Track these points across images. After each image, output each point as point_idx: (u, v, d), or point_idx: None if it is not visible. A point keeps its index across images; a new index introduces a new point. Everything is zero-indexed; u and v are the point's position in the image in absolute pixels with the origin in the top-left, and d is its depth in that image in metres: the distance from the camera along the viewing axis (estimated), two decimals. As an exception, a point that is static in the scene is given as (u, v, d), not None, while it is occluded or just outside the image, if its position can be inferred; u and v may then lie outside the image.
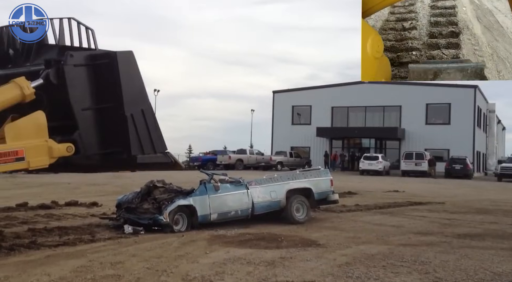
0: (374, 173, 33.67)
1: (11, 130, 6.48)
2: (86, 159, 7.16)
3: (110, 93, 7.20)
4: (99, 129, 7.22)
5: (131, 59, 7.38)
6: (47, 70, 6.95)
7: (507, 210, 13.63)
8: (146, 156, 7.46)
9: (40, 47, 7.68)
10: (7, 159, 6.35)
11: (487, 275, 5.99)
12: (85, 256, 6.69)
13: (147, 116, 7.48)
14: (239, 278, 5.65)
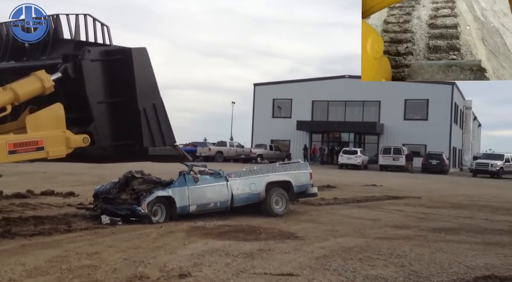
0: (353, 167, 34.02)
1: (31, 121, 6.75)
2: (100, 150, 7.49)
3: (124, 88, 7.49)
4: (113, 122, 7.51)
5: (144, 55, 7.68)
6: (65, 64, 7.21)
7: (481, 205, 13.91)
8: (157, 148, 7.83)
9: (56, 41, 7.98)
10: (28, 148, 6.67)
11: (461, 268, 6.10)
12: (61, 246, 6.59)
13: (159, 111, 7.82)
14: (217, 269, 5.64)
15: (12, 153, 6.58)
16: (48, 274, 5.28)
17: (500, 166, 32.98)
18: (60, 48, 7.99)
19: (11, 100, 6.72)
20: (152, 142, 7.77)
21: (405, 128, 39.88)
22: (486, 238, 8.44)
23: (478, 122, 64.32)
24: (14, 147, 6.59)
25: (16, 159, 6.81)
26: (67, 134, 7.01)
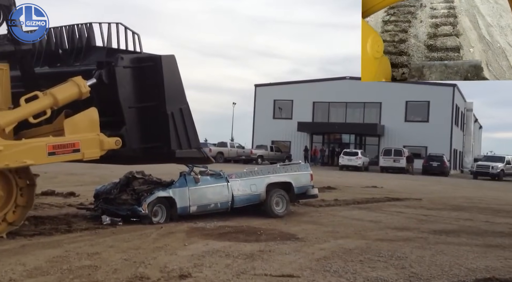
0: (353, 169, 33.99)
1: (69, 125, 7.13)
2: (130, 152, 7.84)
3: (154, 93, 7.88)
4: (142, 125, 7.89)
5: (173, 62, 8.07)
6: (99, 71, 7.60)
7: (482, 207, 13.90)
8: (184, 151, 8.17)
9: (89, 49, 8.46)
10: (66, 150, 7.06)
11: (461, 271, 6.10)
12: (61, 246, 6.60)
13: (185, 115, 8.18)
14: (217, 270, 5.64)
15: (51, 155, 6.95)
16: (49, 274, 5.28)
17: (501, 168, 32.93)
18: (93, 55, 8.40)
19: (51, 104, 7.06)
20: (179, 145, 8.10)
21: (406, 130, 39.85)
22: (486, 240, 8.43)
23: (479, 124, 64.30)
24: (53, 149, 6.95)
25: (55, 160, 7.12)
26: (101, 137, 7.38)
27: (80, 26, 8.61)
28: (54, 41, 8.81)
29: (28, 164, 6.87)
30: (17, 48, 7.48)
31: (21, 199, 7.23)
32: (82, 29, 8.62)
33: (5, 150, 6.55)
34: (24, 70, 7.83)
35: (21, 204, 7.22)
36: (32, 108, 6.93)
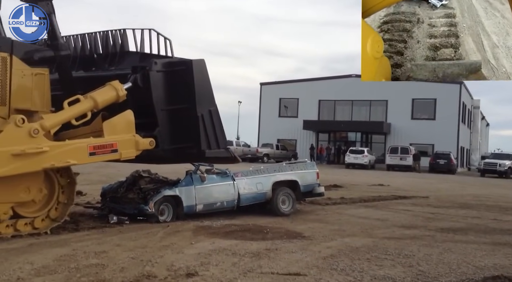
0: (360, 167, 33.90)
1: (108, 126, 7.52)
2: (163, 152, 8.20)
3: (185, 96, 8.26)
4: (174, 126, 8.27)
5: (203, 66, 8.47)
6: (134, 75, 7.99)
7: (489, 205, 13.82)
8: (213, 151, 8.56)
9: (123, 54, 8.89)
10: (105, 151, 7.44)
11: (469, 269, 6.07)
12: (68, 245, 6.62)
13: (214, 116, 8.57)
14: (224, 269, 5.64)
15: (92, 155, 7.33)
16: (56, 273, 5.30)
17: (509, 166, 32.69)
18: (126, 60, 8.81)
19: (92, 107, 7.44)
20: (208, 145, 8.47)
21: (412, 127, 39.68)
22: (494, 238, 8.38)
23: (486, 121, 63.91)
24: (94, 149, 7.33)
25: (95, 160, 7.50)
26: (137, 138, 7.76)
27: (114, 32, 9.00)
28: (88, 47, 9.22)
29: (71, 163, 7.20)
30: (56, 54, 7.90)
31: (63, 196, 7.60)
32: (116, 35, 9.01)
33: (50, 151, 6.88)
34: (62, 74, 8.22)
35: (63, 201, 7.61)
36: (75, 111, 7.32)
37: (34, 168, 6.89)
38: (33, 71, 7.39)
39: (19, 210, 7.18)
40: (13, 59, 7.20)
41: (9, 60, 7.16)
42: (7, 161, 6.53)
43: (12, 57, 7.20)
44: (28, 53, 7.55)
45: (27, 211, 7.27)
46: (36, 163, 6.81)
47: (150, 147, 7.90)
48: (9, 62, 7.16)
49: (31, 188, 7.16)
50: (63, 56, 8.07)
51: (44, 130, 6.94)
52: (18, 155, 6.60)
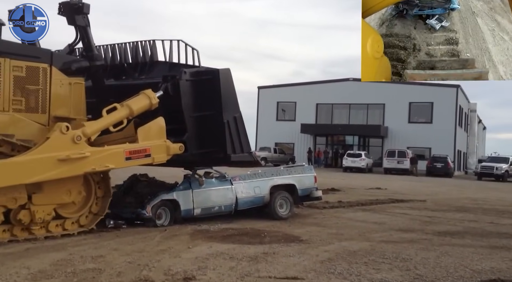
0: (357, 170, 33.92)
1: (142, 132, 7.97)
2: (191, 156, 8.68)
3: (212, 103, 8.73)
4: (201, 132, 8.72)
5: (229, 75, 8.99)
6: (165, 84, 8.42)
7: (486, 208, 13.84)
8: (237, 155, 9.07)
9: (152, 63, 9.41)
10: (139, 155, 7.90)
11: (466, 272, 6.07)
12: (65, 250, 6.61)
13: (238, 122, 9.11)
14: (221, 273, 5.63)
15: (128, 159, 7.79)
16: (53, 277, 5.29)
17: (505, 169, 32.75)
18: (156, 69, 9.29)
19: (127, 115, 7.90)
20: (233, 150, 8.97)
21: (409, 131, 39.74)
22: (491, 241, 8.39)
23: (483, 125, 64.06)
24: (130, 154, 7.80)
25: (131, 164, 7.93)
26: (167, 143, 8.20)
27: (144, 43, 9.52)
28: (118, 56, 9.75)
29: (110, 168, 7.66)
30: (91, 64, 8.46)
31: (100, 191, 8.06)
32: (146, 46, 9.50)
33: (91, 156, 7.36)
34: (96, 83, 8.73)
35: (101, 195, 8.06)
36: (112, 119, 7.76)
37: (77, 172, 7.36)
38: (71, 80, 7.94)
39: (60, 211, 7.58)
40: (52, 69, 7.75)
41: (49, 71, 7.71)
42: (53, 166, 7.01)
43: (51, 68, 7.75)
44: (66, 64, 8.10)
45: (66, 211, 7.67)
46: (79, 167, 7.30)
47: (180, 152, 8.34)
48: (49, 72, 7.71)
49: (71, 191, 7.60)
50: (97, 66, 8.60)
51: (86, 137, 7.41)
52: (63, 160, 7.08)
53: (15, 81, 7.44)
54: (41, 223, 7.30)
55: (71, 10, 8.21)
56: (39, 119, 7.64)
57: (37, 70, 7.64)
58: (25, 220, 7.10)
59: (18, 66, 7.44)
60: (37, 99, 7.68)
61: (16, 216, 7.05)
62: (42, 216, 7.25)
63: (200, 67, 8.94)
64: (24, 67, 7.51)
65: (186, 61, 9.00)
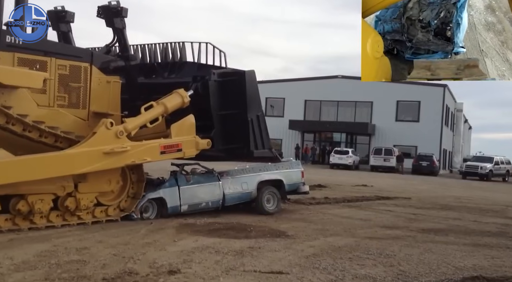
0: (344, 167, 34.08)
1: (175, 129, 8.54)
2: (217, 151, 9.21)
3: (237, 102, 9.27)
4: (227, 129, 9.23)
5: (253, 76, 9.53)
6: (195, 84, 9.04)
7: (470, 207, 14.01)
8: (259, 151, 9.63)
9: (182, 63, 9.92)
10: (172, 150, 8.47)
11: (449, 269, 6.15)
12: (49, 241, 6.56)
13: (261, 121, 9.70)
14: (206, 266, 5.64)
15: (163, 153, 8.37)
16: (36, 268, 5.25)
17: (490, 169, 33.17)
18: (184, 70, 9.80)
19: (162, 112, 8.42)
20: (256, 146, 9.52)
21: (396, 129, 40.01)
22: (474, 239, 8.50)
23: (468, 125, 64.75)
24: (164, 149, 8.37)
25: (164, 158, 8.53)
26: (197, 139, 8.76)
27: (174, 45, 10.00)
28: (148, 56, 10.22)
29: (147, 160, 8.23)
30: (127, 64, 9.15)
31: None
32: (175, 47, 9.98)
33: (131, 150, 7.95)
34: (130, 81, 9.30)
35: (135, 179, 8.60)
36: (149, 116, 8.29)
37: (119, 164, 7.96)
38: (108, 79, 8.55)
39: (100, 199, 8.18)
40: (92, 68, 8.36)
41: (89, 70, 8.33)
42: (99, 158, 7.61)
43: (92, 67, 8.36)
44: (104, 63, 8.71)
45: (105, 199, 8.27)
46: (121, 160, 7.89)
47: (207, 147, 8.88)
48: (89, 71, 8.33)
49: (111, 180, 8.22)
50: (132, 66, 9.31)
51: (127, 132, 7.95)
52: (108, 153, 7.68)
53: (60, 79, 8.01)
54: (85, 210, 7.92)
55: (110, 13, 8.87)
56: (80, 114, 8.23)
57: (79, 69, 8.23)
58: (71, 207, 7.75)
59: (63, 65, 8.03)
60: (79, 95, 8.26)
61: (63, 203, 7.71)
62: (86, 203, 7.89)
63: (227, 68, 9.52)
64: (68, 66, 8.10)
65: (213, 62, 9.55)
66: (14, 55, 7.50)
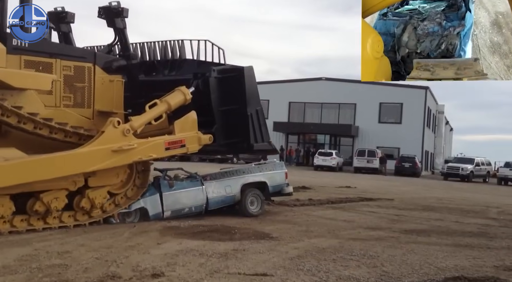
0: (328, 169, 34.27)
1: (178, 125, 8.74)
2: (219, 146, 9.54)
3: (237, 98, 9.45)
4: (227, 124, 9.43)
5: (252, 72, 9.72)
6: (196, 80, 9.22)
7: (451, 207, 14.18)
8: (259, 144, 9.85)
9: (181, 61, 10.12)
10: (176, 146, 8.69)
11: (431, 269, 6.21)
12: (30, 245, 6.46)
13: (260, 115, 9.86)
14: (191, 269, 5.61)
15: (167, 149, 8.60)
16: (17, 273, 5.17)
17: (471, 170, 33.64)
18: (184, 67, 9.98)
19: (166, 109, 8.59)
20: (256, 139, 9.70)
21: (379, 131, 40.36)
22: (456, 240, 8.60)
23: (450, 126, 65.61)
24: (169, 145, 8.59)
25: (169, 154, 8.85)
26: (199, 134, 8.95)
27: (173, 43, 10.21)
28: (147, 54, 10.40)
29: (153, 157, 8.50)
30: (128, 63, 9.41)
31: (138, 181, 8.80)
32: (174, 45, 10.17)
33: (138, 147, 8.16)
34: (131, 79, 9.47)
35: (138, 184, 8.79)
36: (154, 113, 8.47)
37: (127, 161, 8.18)
38: (111, 78, 8.81)
39: (111, 190, 8.42)
40: (96, 68, 8.60)
41: (93, 70, 8.57)
42: (108, 156, 7.84)
43: (95, 67, 8.60)
44: (107, 63, 8.98)
45: (113, 188, 8.48)
46: (128, 157, 8.11)
47: (209, 142, 9.09)
48: (93, 71, 8.57)
49: (119, 174, 8.46)
50: (133, 65, 9.55)
51: (133, 130, 8.14)
52: (116, 151, 7.90)
53: (65, 79, 8.25)
54: (100, 208, 8.20)
55: (111, 14, 9.08)
56: (85, 113, 8.51)
57: (83, 69, 8.48)
58: (86, 207, 8.00)
59: (67, 66, 8.28)
60: (83, 95, 8.53)
61: (79, 204, 7.96)
62: (100, 200, 8.15)
63: (226, 65, 9.69)
64: (72, 66, 8.35)
65: (212, 59, 9.73)
66: (21, 57, 7.71)
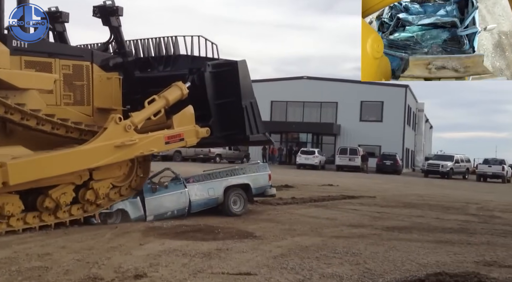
0: (310, 167, 34.38)
1: (177, 119, 8.95)
2: (216, 138, 9.78)
3: (231, 91, 9.66)
4: (223, 117, 9.66)
5: (245, 65, 9.90)
6: (192, 76, 9.43)
7: (432, 204, 14.38)
8: (254, 136, 10.08)
9: (176, 57, 10.32)
10: (175, 140, 8.89)
11: (413, 266, 6.28)
12: (10, 247, 6.35)
13: (254, 107, 10.08)
14: (174, 270, 5.57)
15: (167, 144, 8.81)
16: (-4, 276, 5.06)
17: (450, 167, 34.13)
18: (179, 62, 10.18)
19: (164, 105, 8.77)
20: (251, 131, 9.92)
21: (361, 129, 40.64)
22: (437, 236, 8.72)
23: (430, 124, 66.46)
24: (168, 139, 8.80)
25: (168, 148, 9.12)
26: (196, 128, 9.18)
27: (167, 39, 10.39)
28: (141, 50, 10.57)
29: (154, 151, 8.77)
30: (124, 60, 9.62)
31: (140, 170, 8.98)
32: (168, 41, 10.35)
33: (139, 142, 8.35)
34: (127, 76, 9.58)
35: (140, 174, 8.98)
36: (153, 109, 8.64)
37: (129, 156, 8.38)
38: (109, 75, 9.00)
39: (114, 182, 8.59)
40: (93, 66, 8.81)
41: (91, 68, 8.78)
42: (111, 152, 8.02)
43: (93, 65, 8.80)
44: (104, 60, 9.15)
45: (117, 180, 8.67)
46: (130, 152, 8.30)
47: (207, 135, 9.32)
48: (91, 69, 8.78)
49: (121, 166, 8.60)
50: (129, 62, 9.75)
51: (134, 125, 8.30)
52: (119, 146, 8.08)
53: (65, 78, 8.43)
54: (104, 198, 8.37)
55: (106, 12, 9.22)
56: (85, 111, 8.70)
57: (81, 67, 8.68)
58: (91, 198, 8.17)
59: (66, 65, 8.46)
60: (82, 93, 8.72)
61: (84, 197, 8.12)
62: (104, 191, 8.32)
63: (220, 59, 9.85)
64: (71, 65, 8.54)
65: (206, 54, 9.91)
66: (21, 58, 7.84)
